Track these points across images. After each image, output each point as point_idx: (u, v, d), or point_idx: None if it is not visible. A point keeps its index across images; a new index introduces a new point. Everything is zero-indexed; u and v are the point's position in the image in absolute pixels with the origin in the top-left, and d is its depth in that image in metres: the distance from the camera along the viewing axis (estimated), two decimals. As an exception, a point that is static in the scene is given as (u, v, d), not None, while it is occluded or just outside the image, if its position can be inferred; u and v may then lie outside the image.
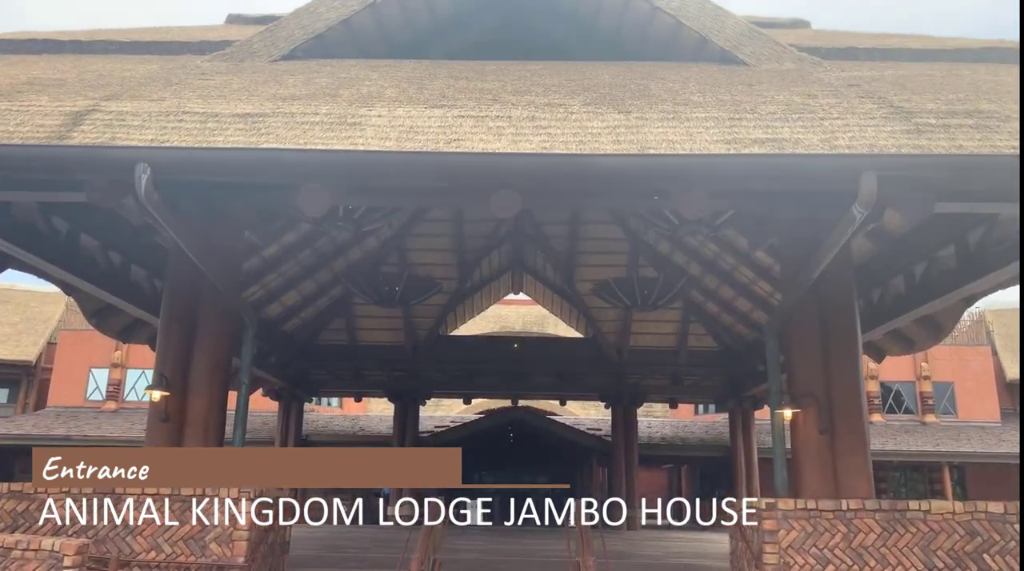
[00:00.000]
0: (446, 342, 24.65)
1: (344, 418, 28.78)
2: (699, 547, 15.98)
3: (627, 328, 23.50)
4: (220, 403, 8.39)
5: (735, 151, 6.18)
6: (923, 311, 13.16)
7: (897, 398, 28.41)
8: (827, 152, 6.15)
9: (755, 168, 6.22)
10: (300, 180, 6.51)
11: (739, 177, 6.41)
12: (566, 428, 25.57)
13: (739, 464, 23.48)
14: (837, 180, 6.22)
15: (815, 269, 6.95)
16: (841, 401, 8.18)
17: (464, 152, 6.18)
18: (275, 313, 20.95)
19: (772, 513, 7.82)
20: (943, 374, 28.19)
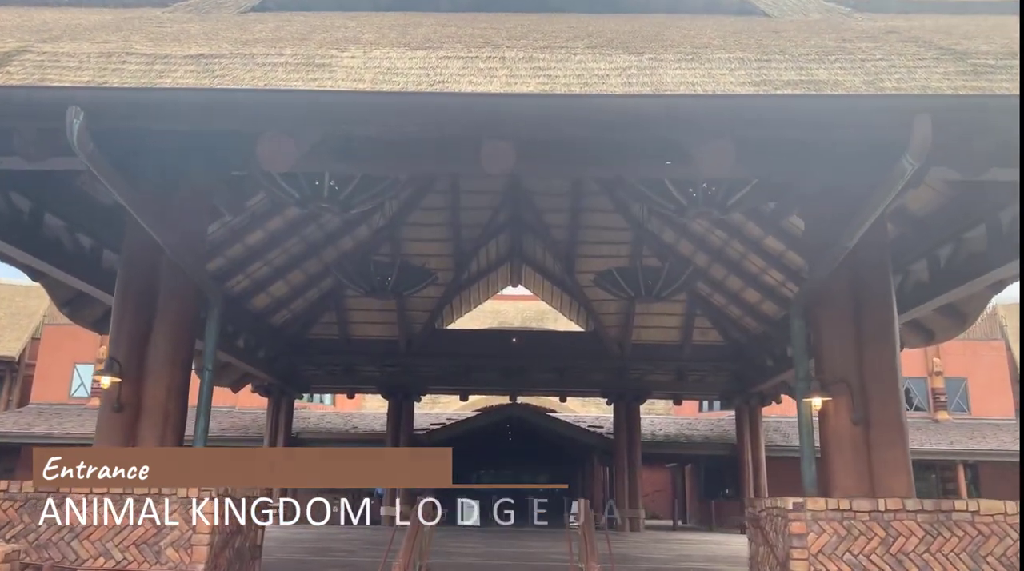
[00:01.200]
0: (441, 336, 23.75)
1: (336, 415, 27.87)
2: (708, 550, 15.07)
3: (629, 321, 22.60)
4: (181, 390, 7.49)
5: (767, 92, 5.29)
6: (947, 298, 12.30)
7: (907, 395, 27.47)
8: (875, 92, 5.27)
9: (792, 110, 5.34)
10: (259, 126, 5.63)
11: (773, 122, 5.53)
12: (566, 425, 24.67)
13: (746, 463, 22.59)
14: (885, 125, 5.35)
15: (853, 235, 6.07)
16: (876, 388, 7.28)
17: (449, 92, 5.30)
18: (263, 305, 20.06)
19: (800, 514, 6.91)
20: (956, 370, 27.31)
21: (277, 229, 17.14)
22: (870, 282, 7.44)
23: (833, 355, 7.37)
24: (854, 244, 6.36)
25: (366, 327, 23.29)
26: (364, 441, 24.64)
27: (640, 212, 19.31)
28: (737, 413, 23.21)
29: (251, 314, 19.86)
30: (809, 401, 7.32)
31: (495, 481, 40.61)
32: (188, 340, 7.68)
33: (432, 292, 22.52)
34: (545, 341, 24.08)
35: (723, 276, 19.81)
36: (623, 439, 22.78)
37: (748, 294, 19.79)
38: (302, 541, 15.34)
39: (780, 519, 7.17)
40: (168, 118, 5.61)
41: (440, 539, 16.87)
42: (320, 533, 18.42)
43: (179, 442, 7.47)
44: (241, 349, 19.87)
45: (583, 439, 24.30)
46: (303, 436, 24.40)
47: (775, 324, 19.85)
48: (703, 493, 28.46)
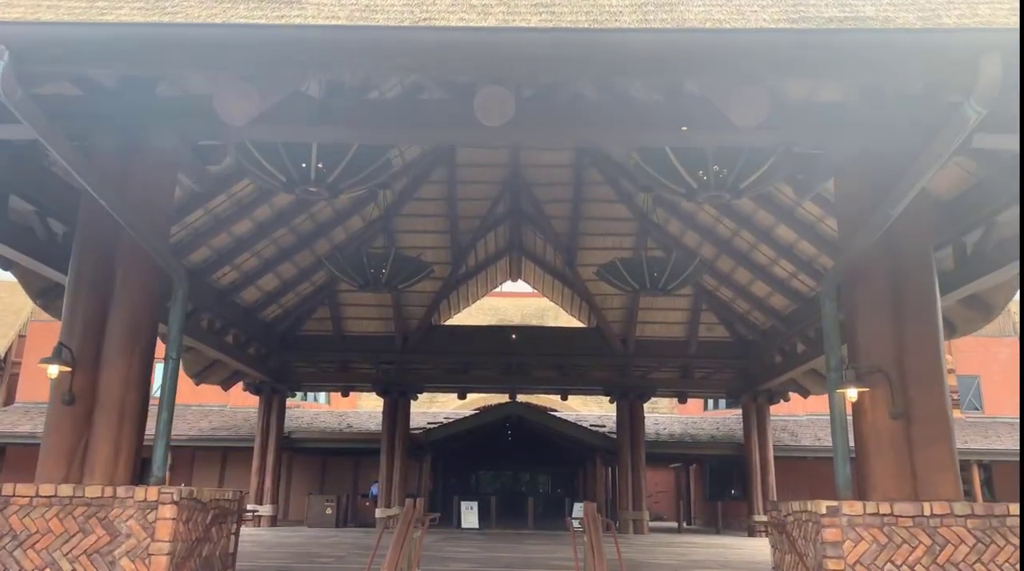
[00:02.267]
0: (439, 332, 22.99)
1: (330, 415, 27.10)
2: (720, 554, 14.29)
3: (633, 317, 21.84)
4: (140, 381, 6.72)
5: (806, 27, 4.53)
6: (973, 288, 11.53)
7: (920, 393, 26.72)
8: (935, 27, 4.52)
9: (835, 48, 4.59)
10: (214, 69, 4.88)
11: (812, 65, 4.77)
12: (567, 424, 23.88)
13: (753, 463, 21.83)
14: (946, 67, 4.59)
15: (899, 200, 5.31)
16: (918, 378, 6.51)
17: (436, 27, 4.54)
18: (252, 299, 19.30)
19: (835, 519, 6.15)
20: (968, 367, 26.58)
21: (265, 219, 16.39)
22: (910, 259, 6.68)
23: (869, 341, 6.60)
24: (898, 212, 5.58)
25: (361, 323, 22.54)
26: (359, 441, 23.86)
27: (644, 202, 18.57)
28: (744, 411, 22.43)
29: (240, 308, 19.10)
30: (842, 393, 6.54)
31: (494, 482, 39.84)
32: (149, 326, 6.91)
33: (428, 286, 21.75)
34: (545, 337, 23.29)
35: (731, 268, 19.06)
36: (626, 438, 22.01)
37: (756, 287, 19.04)
38: (289, 545, 14.56)
39: (811, 525, 6.39)
40: (109, 60, 4.85)
41: (436, 543, 16.14)
42: (310, 536, 17.66)
43: (138, 439, 6.70)
44: (230, 345, 19.11)
45: (585, 438, 23.51)
46: (296, 435, 23.63)
47: (784, 319, 19.09)
48: (709, 494, 27.66)
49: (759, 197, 15.00)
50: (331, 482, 25.63)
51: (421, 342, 22.51)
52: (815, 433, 24.65)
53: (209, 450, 24.94)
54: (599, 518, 7.07)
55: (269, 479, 21.47)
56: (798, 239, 15.70)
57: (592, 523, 6.80)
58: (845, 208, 6.88)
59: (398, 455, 21.73)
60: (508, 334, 22.99)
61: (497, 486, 38.66)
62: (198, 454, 25.40)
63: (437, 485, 28.59)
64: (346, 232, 19.27)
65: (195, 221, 14.57)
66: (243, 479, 22.80)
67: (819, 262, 16.03)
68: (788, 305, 18.70)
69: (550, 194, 19.91)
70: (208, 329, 17.71)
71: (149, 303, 6.89)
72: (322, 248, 18.61)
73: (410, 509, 7.04)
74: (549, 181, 19.57)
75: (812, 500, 6.39)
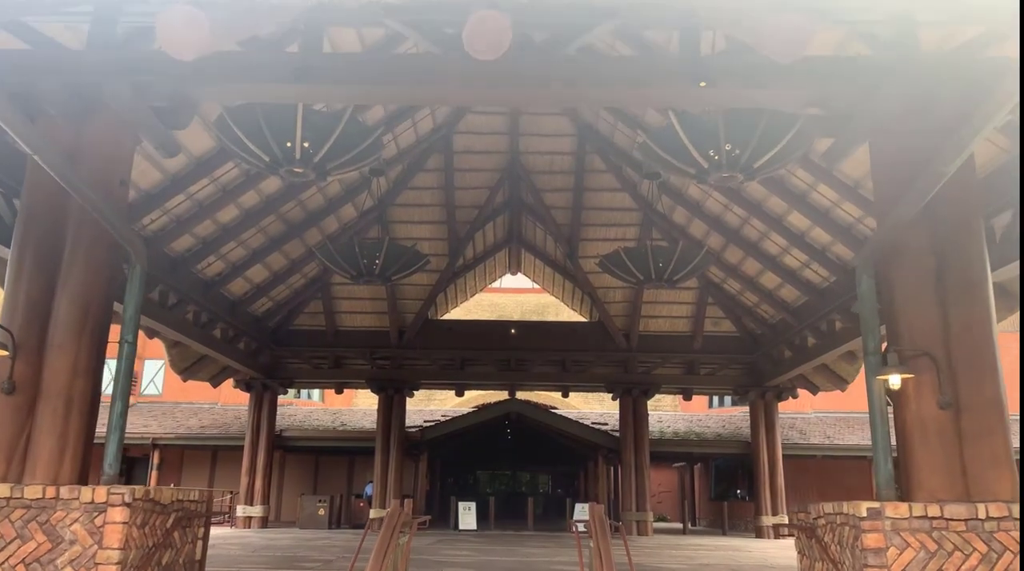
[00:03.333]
0: (435, 327, 22.27)
1: (324, 412, 26.34)
2: (730, 557, 13.54)
3: (636, 311, 21.12)
4: (91, 367, 5.98)
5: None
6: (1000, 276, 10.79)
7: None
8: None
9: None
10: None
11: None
12: (569, 422, 23.13)
13: (761, 462, 21.09)
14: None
15: (955, 156, 4.57)
16: (968, 362, 5.77)
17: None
18: (240, 291, 18.57)
19: (877, 523, 5.39)
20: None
21: (252, 206, 15.66)
22: (957, 229, 5.94)
23: (912, 321, 5.85)
24: (952, 171, 4.83)
25: (355, 317, 21.82)
26: (353, 439, 23.10)
27: (650, 190, 17.84)
28: (751, 409, 21.69)
29: (228, 301, 18.37)
30: (884, 379, 5.79)
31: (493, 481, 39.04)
32: (102, 305, 6.16)
33: (425, 279, 21.04)
34: (546, 332, 22.55)
35: (739, 259, 18.33)
36: (629, 436, 21.27)
37: (766, 278, 18.30)
38: (277, 547, 13.82)
39: (848, 529, 5.64)
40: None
41: (432, 545, 15.42)
42: (300, 538, 16.92)
43: (88, 433, 5.95)
44: (218, 340, 18.38)
45: (587, 437, 22.77)
46: (288, 434, 22.88)
47: (794, 311, 18.36)
48: (714, 494, 26.92)
49: (771, 182, 14.26)
50: (324, 482, 24.88)
51: (417, 337, 21.79)
52: (824, 431, 23.91)
53: (199, 449, 24.18)
54: (607, 521, 6.34)
55: (260, 479, 20.73)
56: (811, 226, 14.97)
57: (599, 526, 6.07)
58: (883, 173, 6.13)
59: (393, 454, 20.98)
60: (507, 329, 22.26)
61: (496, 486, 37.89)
62: (187, 454, 24.65)
63: (434, 485, 27.85)
64: (339, 222, 18.55)
65: (176, 206, 13.84)
66: (234, 479, 22.05)
67: (833, 250, 15.30)
68: (798, 297, 17.97)
69: (550, 183, 19.19)
70: (194, 322, 16.97)
71: (102, 280, 6.14)
72: (313, 238, 17.88)
73: (396, 511, 6.29)
74: (549, 169, 18.85)
75: (849, 501, 5.65)
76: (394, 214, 19.59)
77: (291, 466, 24.99)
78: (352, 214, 18.52)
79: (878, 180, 6.24)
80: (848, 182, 13.02)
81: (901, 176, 5.83)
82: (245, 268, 17.44)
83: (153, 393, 25.97)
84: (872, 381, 5.81)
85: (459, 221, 19.89)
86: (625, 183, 18.48)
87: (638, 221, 19.49)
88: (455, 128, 17.71)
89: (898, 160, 5.94)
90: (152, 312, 14.89)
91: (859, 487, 23.79)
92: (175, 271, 15.42)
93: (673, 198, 17.54)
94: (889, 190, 6.00)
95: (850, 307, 15.71)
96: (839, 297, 15.82)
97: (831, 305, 16.27)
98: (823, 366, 19.52)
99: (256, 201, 15.61)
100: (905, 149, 5.89)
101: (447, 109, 17.08)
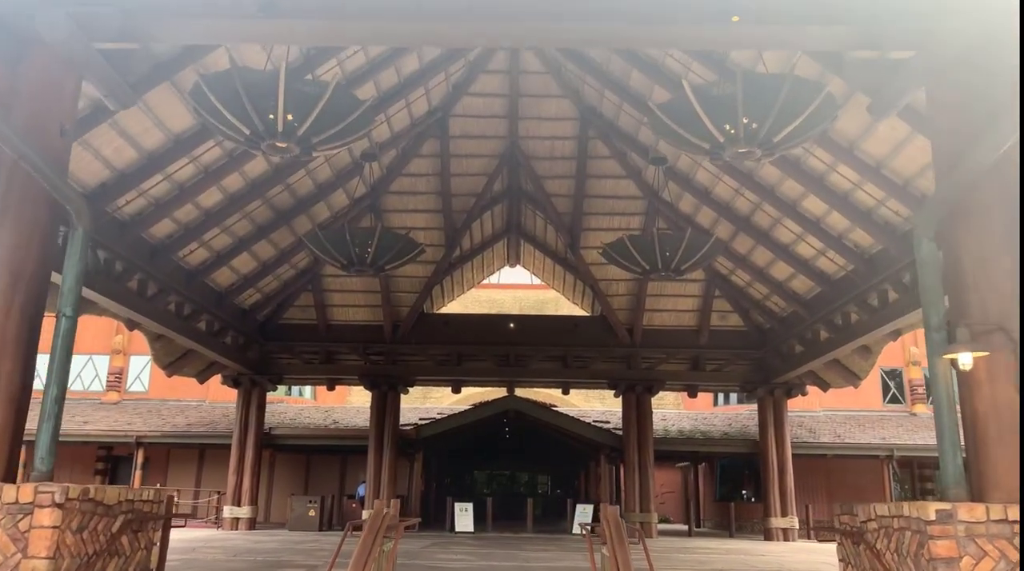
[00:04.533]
0: (431, 321, 21.43)
1: (316, 410, 25.47)
2: (743, 562, 12.71)
3: (640, 304, 20.30)
4: (20, 345, 5.14)
5: None
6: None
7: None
8: None
9: None
10: None
11: None
12: (570, 420, 22.28)
13: (770, 461, 20.26)
14: None
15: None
16: (1049, 339, 4.93)
17: None
18: (226, 282, 17.71)
19: (948, 528, 4.56)
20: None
21: (237, 190, 14.81)
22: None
23: (983, 291, 5.02)
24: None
25: (347, 311, 20.96)
26: (346, 438, 22.24)
27: (655, 176, 17.01)
28: (760, 406, 20.85)
29: (213, 292, 17.52)
30: (952, 358, 4.95)
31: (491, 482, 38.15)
32: (36, 273, 5.31)
33: (420, 271, 20.21)
34: (546, 326, 21.71)
35: (749, 249, 17.50)
36: (633, 435, 20.44)
37: (777, 269, 17.48)
38: (260, 551, 12.96)
39: (911, 535, 4.80)
40: None
41: (427, 549, 14.58)
42: (288, 540, 16.06)
43: (16, 423, 5.09)
44: (203, 333, 17.51)
45: (588, 435, 21.92)
46: (277, 432, 21.99)
47: (806, 304, 17.55)
48: (719, 495, 26.08)
49: (786, 163, 13.46)
50: (316, 482, 24.02)
51: (412, 332, 20.94)
52: (833, 429, 23.08)
53: (185, 448, 23.30)
54: (623, 524, 5.50)
55: (248, 479, 19.85)
56: (828, 211, 14.17)
57: (615, 530, 5.23)
58: (944, 121, 5.31)
59: (387, 453, 20.13)
60: (506, 323, 21.42)
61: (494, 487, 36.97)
62: (174, 453, 23.78)
63: (429, 486, 26.97)
64: (330, 210, 17.71)
65: (154, 188, 13.00)
66: (222, 479, 21.20)
67: (850, 237, 14.49)
68: (811, 289, 17.15)
69: (551, 169, 18.37)
70: (176, 314, 16.10)
71: (33, 244, 5.30)
72: (303, 227, 17.04)
73: (380, 512, 5.45)
74: (550, 155, 18.03)
75: (913, 502, 4.80)
76: (388, 202, 18.76)
77: (281, 466, 24.13)
78: (344, 201, 17.69)
79: (937, 130, 5.42)
80: (870, 162, 12.22)
81: (965, 124, 5.02)
82: (231, 257, 16.60)
83: (139, 390, 25.08)
84: (936, 362, 4.98)
85: (456, 210, 19.07)
86: (630, 170, 17.66)
87: (643, 210, 18.67)
88: (451, 110, 16.89)
89: (962, 105, 5.13)
90: (131, 302, 14.04)
91: (870, 488, 22.98)
92: (155, 258, 14.57)
93: (680, 184, 16.72)
94: (951, 142, 5.19)
95: (866, 298, 14.92)
96: (855, 287, 15.01)
97: (847, 296, 15.46)
98: (835, 361, 18.70)
99: (241, 185, 14.77)
100: (971, 93, 5.08)
101: (443, 90, 16.26)
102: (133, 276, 14.07)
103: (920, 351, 25.23)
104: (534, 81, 16.42)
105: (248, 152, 13.98)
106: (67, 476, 24.00)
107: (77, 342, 21.18)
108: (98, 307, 14.60)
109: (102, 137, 11.44)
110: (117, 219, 13.05)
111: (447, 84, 16.24)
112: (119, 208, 12.74)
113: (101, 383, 24.97)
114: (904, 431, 22.70)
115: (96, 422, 22.29)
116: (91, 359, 25.06)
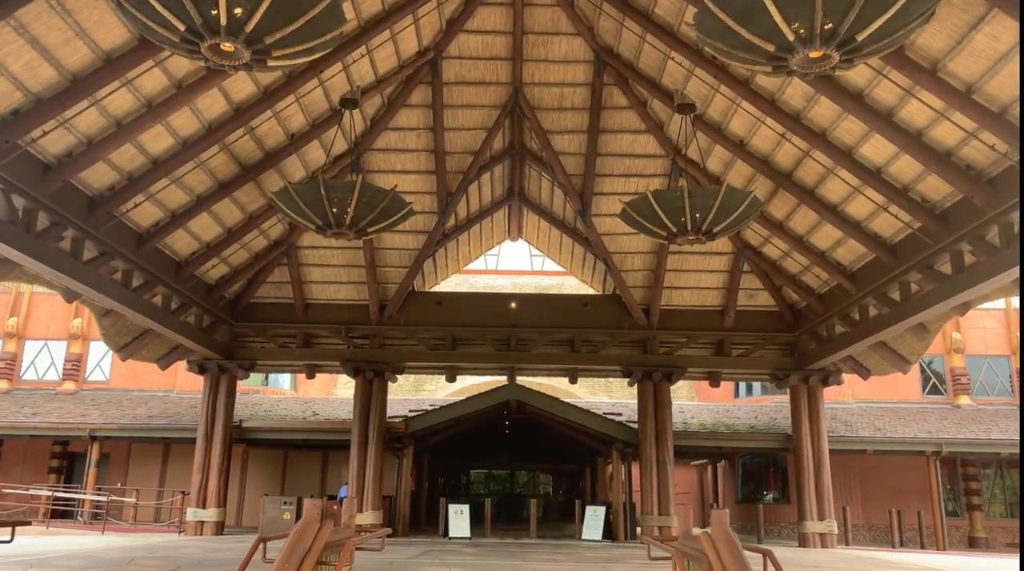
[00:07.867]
0: (422, 300, 19.11)
1: (295, 401, 23.09)
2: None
3: (659, 281, 17.98)
4: None
5: None
6: None
7: (989, 376, 22.96)
8: None
9: None
10: None
11: None
12: (578, 411, 19.93)
13: (804, 458, 17.93)
14: None
15: None
16: None
17: None
18: (186, 250, 15.35)
19: None
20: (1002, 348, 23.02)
21: (191, 134, 12.49)
22: None
23: None
24: None
25: (328, 288, 18.61)
26: (327, 432, 19.89)
27: (681, 127, 14.65)
28: (792, 396, 18.56)
29: (171, 262, 15.18)
30: None
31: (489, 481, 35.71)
32: None
33: (410, 242, 17.88)
34: (552, 306, 19.42)
35: (788, 213, 15.19)
36: (650, 428, 18.12)
37: (819, 235, 15.17)
38: (213, 563, 10.58)
39: None
40: None
41: (415, 559, 12.25)
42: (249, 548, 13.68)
43: None
44: (159, 309, 15.14)
45: (598, 428, 19.58)
46: (249, 424, 19.60)
47: (852, 275, 15.26)
48: (741, 495, 23.74)
49: (846, 96, 11.18)
50: (294, 482, 21.64)
51: (401, 312, 18.60)
52: (872, 422, 20.79)
53: (147, 442, 20.91)
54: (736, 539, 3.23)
55: (214, 477, 17.49)
56: (894, 156, 11.91)
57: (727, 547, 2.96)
58: None
59: (372, 449, 17.79)
60: (507, 302, 19.10)
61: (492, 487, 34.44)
62: (136, 448, 21.40)
63: (420, 485, 24.56)
64: (305, 167, 15.41)
65: (79, 117, 10.64)
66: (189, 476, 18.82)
67: (917, 189, 12.20)
68: (861, 257, 14.84)
69: (560, 122, 16.04)
70: (123, 284, 13.74)
71: None
72: (274, 185, 14.59)
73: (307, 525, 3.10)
74: (559, 105, 15.71)
75: None
76: (372, 161, 16.44)
77: (256, 463, 21.76)
78: (321, 158, 15.36)
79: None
80: (958, 85, 9.94)
81: None
82: (187, 217, 14.22)
83: (99, 379, 22.68)
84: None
85: (450, 171, 16.73)
86: (650, 123, 15.36)
87: (664, 170, 16.39)
88: (445, 51, 14.58)
89: None
90: (62, 264, 11.69)
91: (912, 489, 20.67)
92: (92, 213, 12.22)
93: (711, 135, 14.39)
94: None
95: (933, 263, 12.61)
96: (921, 250, 12.68)
97: (909, 261, 13.13)
98: (881, 344, 16.41)
99: (195, 127, 12.46)
100: None
101: (435, 25, 13.94)
102: (63, 232, 11.71)
103: (963, 337, 23.00)
104: (541, 15, 14.15)
105: (199, 85, 11.73)
106: (18, 475, 21.64)
107: (31, 327, 18.38)
108: (23, 270, 12.28)
109: (6, 47, 9.13)
110: (34, 156, 10.68)
111: (439, 16, 13.93)
112: (34, 140, 10.37)
113: (57, 372, 22.56)
114: (950, 424, 20.41)
115: (46, 414, 19.92)
116: (46, 344, 22.65)
